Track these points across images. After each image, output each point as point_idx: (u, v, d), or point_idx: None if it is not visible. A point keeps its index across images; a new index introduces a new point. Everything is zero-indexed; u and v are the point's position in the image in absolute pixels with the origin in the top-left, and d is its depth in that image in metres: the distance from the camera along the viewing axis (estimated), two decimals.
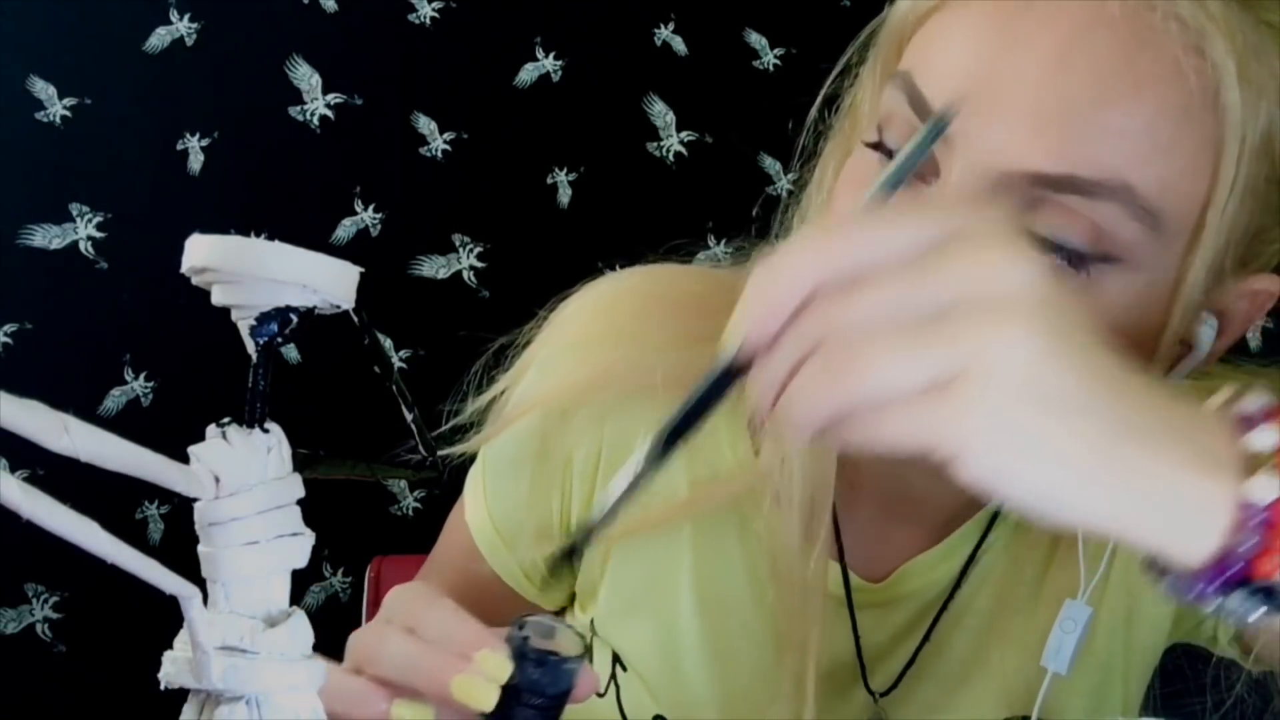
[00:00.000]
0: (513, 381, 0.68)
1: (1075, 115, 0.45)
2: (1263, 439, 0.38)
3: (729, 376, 0.39)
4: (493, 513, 0.70)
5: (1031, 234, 0.46)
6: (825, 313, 0.36)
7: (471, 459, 0.71)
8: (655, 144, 1.76)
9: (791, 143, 0.64)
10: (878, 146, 0.52)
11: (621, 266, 0.71)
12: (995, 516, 0.64)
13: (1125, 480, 0.36)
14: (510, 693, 0.46)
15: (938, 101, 0.48)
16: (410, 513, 1.75)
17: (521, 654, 0.47)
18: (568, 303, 0.68)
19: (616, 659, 0.68)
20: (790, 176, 0.67)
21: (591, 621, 0.69)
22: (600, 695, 0.68)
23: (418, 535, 0.82)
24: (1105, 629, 0.64)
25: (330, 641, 0.55)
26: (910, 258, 0.36)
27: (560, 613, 0.74)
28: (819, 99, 0.63)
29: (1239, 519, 0.37)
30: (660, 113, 1.76)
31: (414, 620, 0.51)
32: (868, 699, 0.65)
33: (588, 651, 0.48)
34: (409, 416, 0.40)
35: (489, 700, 0.47)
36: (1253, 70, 0.45)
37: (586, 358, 0.65)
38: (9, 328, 1.64)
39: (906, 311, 0.35)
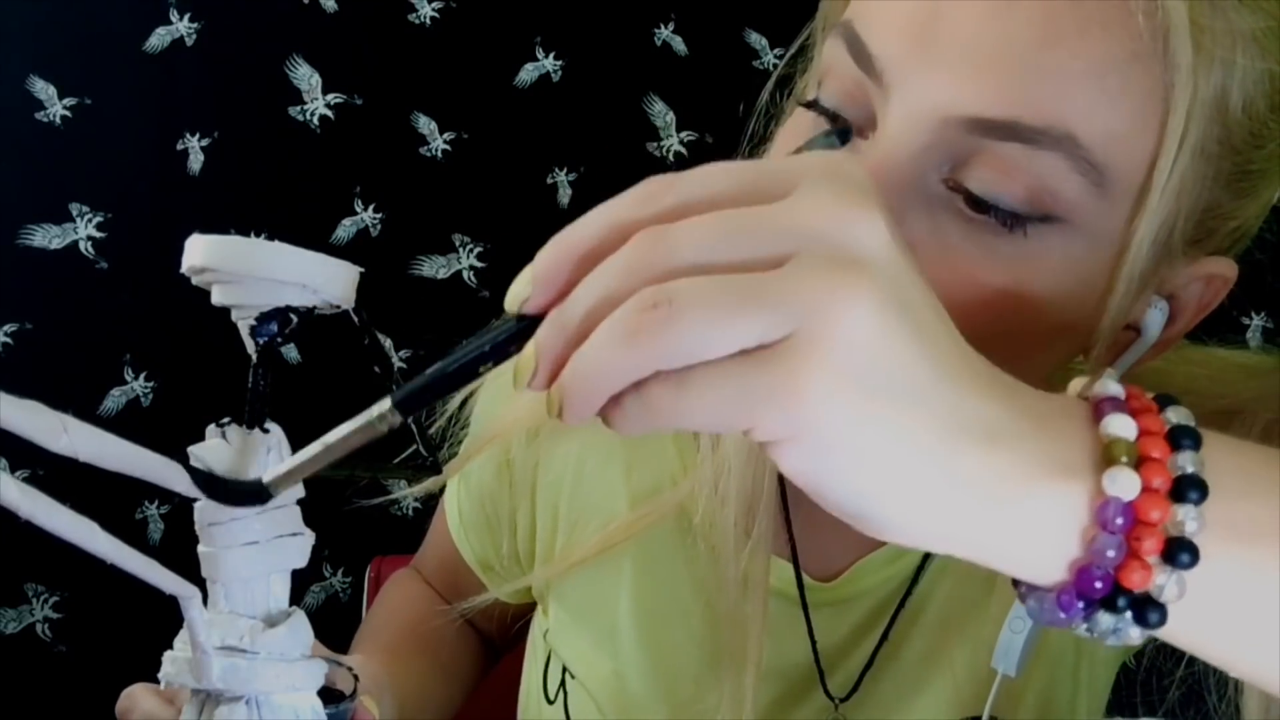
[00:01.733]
0: (478, 388, 0.69)
1: (1019, 58, 0.42)
2: (1118, 425, 0.33)
3: (504, 342, 0.32)
4: (460, 501, 0.74)
5: (965, 191, 0.43)
6: (631, 250, 0.30)
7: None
8: (655, 144, 1.76)
9: None
10: (813, 105, 0.48)
11: None
12: None
13: (965, 484, 0.31)
14: None
15: (878, 48, 0.44)
16: (410, 513, 1.75)
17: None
18: None
19: (565, 669, 0.68)
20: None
21: (545, 633, 0.70)
22: (550, 703, 0.68)
23: (418, 535, 0.82)
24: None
25: (330, 642, 0.55)
26: (746, 200, 0.30)
27: (530, 610, 0.76)
28: (770, 82, 0.61)
29: (1097, 520, 0.32)
30: (660, 113, 1.76)
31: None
32: (826, 703, 0.64)
33: (352, 697, 0.46)
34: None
35: None
36: (1206, 18, 0.42)
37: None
38: (9, 328, 1.64)
39: (732, 254, 0.29)
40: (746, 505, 0.58)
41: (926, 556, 0.63)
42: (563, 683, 0.68)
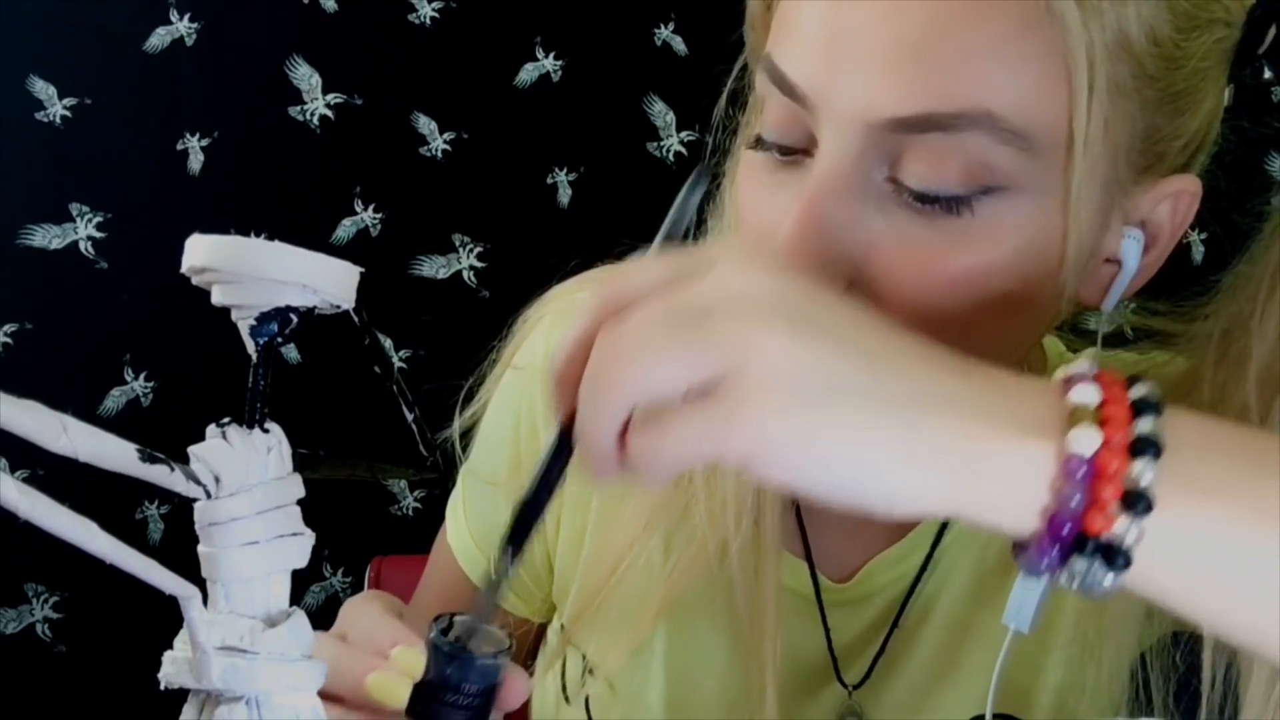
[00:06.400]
0: (484, 404, 0.69)
1: (917, 53, 0.45)
2: (1083, 394, 0.37)
3: (564, 446, 0.40)
4: (474, 533, 0.72)
5: (904, 187, 0.47)
6: (601, 337, 0.37)
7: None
8: (655, 144, 1.76)
9: None
10: (759, 144, 0.52)
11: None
12: None
13: (933, 452, 0.35)
14: (427, 690, 0.45)
15: (796, 75, 0.48)
16: (410, 513, 1.75)
17: (436, 649, 0.45)
18: (530, 329, 0.68)
19: (585, 661, 0.68)
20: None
21: (562, 626, 0.69)
22: (568, 702, 0.68)
23: (418, 535, 0.82)
24: (1074, 605, 0.63)
25: None
26: (672, 283, 0.38)
27: (545, 624, 0.74)
28: (723, 97, 0.63)
29: (1062, 472, 0.36)
30: (660, 113, 1.76)
31: (344, 625, 0.51)
32: (841, 693, 0.64)
33: (508, 651, 0.46)
34: (409, 416, 0.40)
35: (400, 696, 0.46)
36: None
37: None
38: (9, 328, 1.64)
39: (666, 320, 0.36)
40: (745, 503, 0.59)
41: (930, 552, 0.63)
42: (583, 681, 0.68)
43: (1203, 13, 0.47)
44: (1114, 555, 0.36)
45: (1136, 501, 0.35)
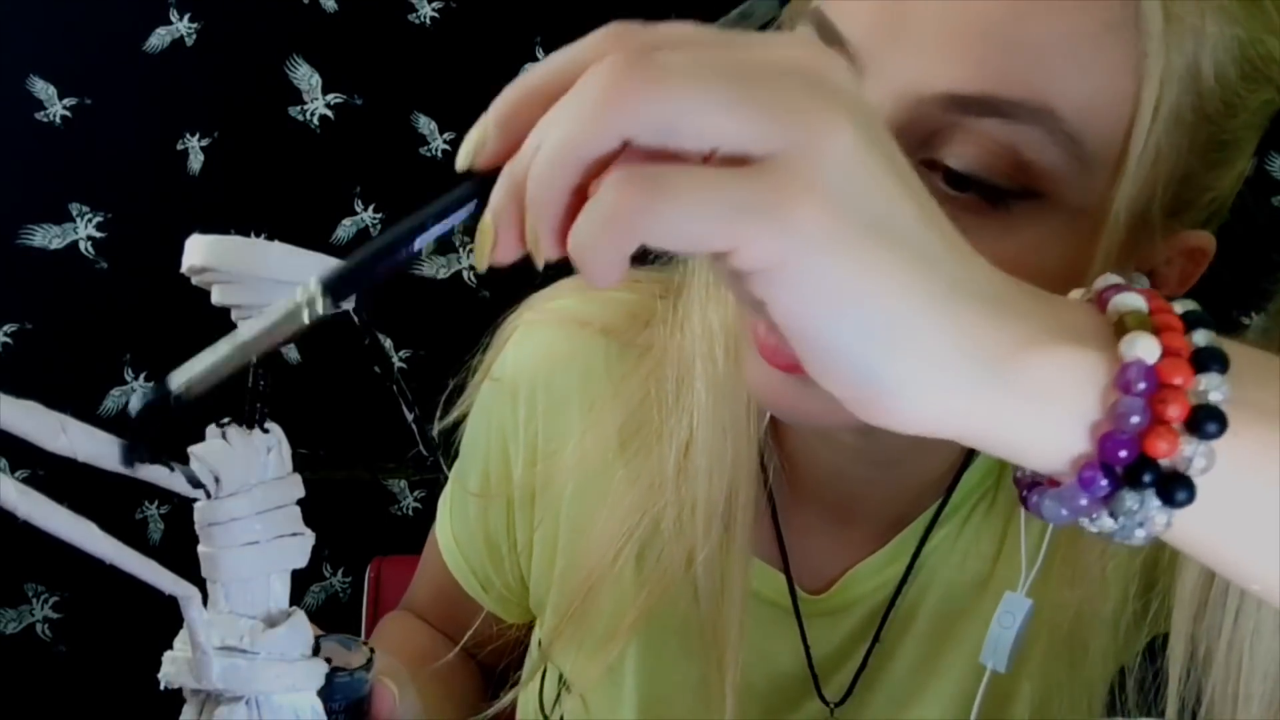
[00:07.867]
0: (468, 406, 0.69)
1: (991, 32, 0.42)
2: (1129, 300, 0.31)
3: (447, 209, 0.29)
4: (455, 531, 0.73)
5: (945, 169, 0.43)
6: (606, 70, 0.28)
7: None
8: None
9: None
10: None
11: None
12: (938, 515, 0.63)
13: (972, 348, 0.29)
14: None
15: (849, 31, 0.44)
16: (410, 513, 1.75)
17: None
18: (507, 340, 0.69)
19: (562, 679, 0.67)
20: None
21: (539, 641, 0.69)
22: (546, 717, 0.68)
23: (418, 535, 0.82)
24: (1049, 625, 0.61)
25: None
26: (726, 40, 0.29)
27: (530, 628, 0.75)
28: None
29: (1119, 383, 0.30)
30: None
31: None
32: (821, 711, 0.64)
33: (368, 666, 0.44)
34: (409, 416, 0.40)
35: None
36: None
37: (525, 400, 0.67)
38: (9, 328, 1.64)
39: (727, 62, 0.28)
40: (716, 509, 0.58)
41: (913, 560, 0.63)
42: (558, 696, 0.67)
43: (1265, 68, 0.46)
44: (1176, 487, 0.30)
45: (1207, 421, 0.30)
